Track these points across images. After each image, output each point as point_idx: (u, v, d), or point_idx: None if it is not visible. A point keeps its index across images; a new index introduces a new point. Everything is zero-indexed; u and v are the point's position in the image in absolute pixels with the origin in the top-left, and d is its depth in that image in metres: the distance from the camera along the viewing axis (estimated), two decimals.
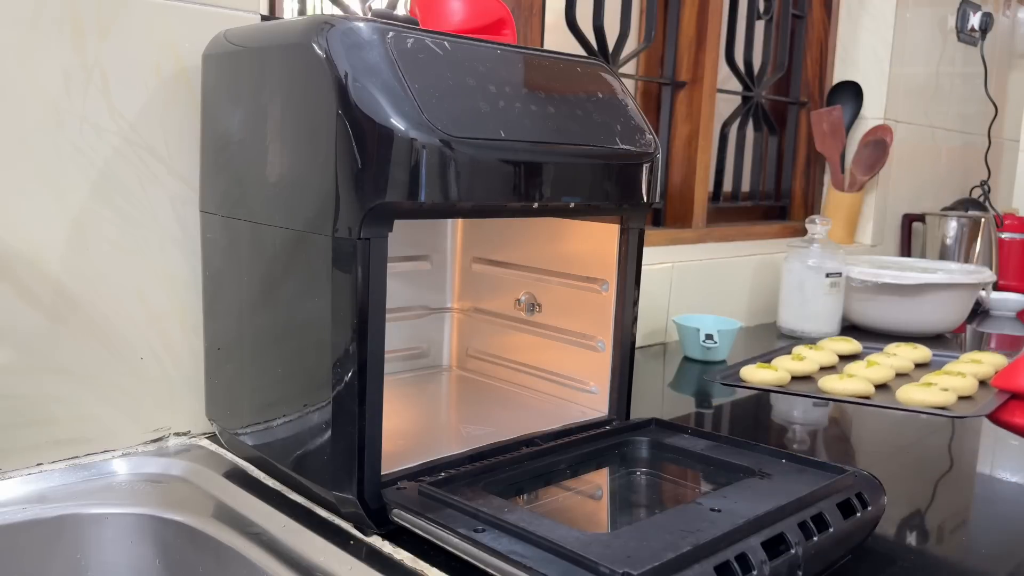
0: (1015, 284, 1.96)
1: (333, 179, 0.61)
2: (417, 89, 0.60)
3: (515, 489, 0.70)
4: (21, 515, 0.68)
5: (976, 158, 2.24)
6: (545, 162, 0.67)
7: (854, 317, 1.53)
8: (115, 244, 0.76)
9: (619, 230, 0.81)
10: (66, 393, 0.75)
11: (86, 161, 0.74)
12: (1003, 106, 2.34)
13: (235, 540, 0.65)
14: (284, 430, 0.70)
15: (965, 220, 1.92)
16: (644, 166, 0.75)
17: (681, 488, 0.76)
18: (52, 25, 0.70)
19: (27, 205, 0.71)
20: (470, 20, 0.75)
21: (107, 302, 0.76)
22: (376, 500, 0.64)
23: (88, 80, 0.73)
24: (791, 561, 0.58)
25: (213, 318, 0.79)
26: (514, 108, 0.66)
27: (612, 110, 0.75)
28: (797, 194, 1.93)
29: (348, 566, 0.60)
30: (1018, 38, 2.41)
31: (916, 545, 0.71)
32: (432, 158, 0.60)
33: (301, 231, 0.64)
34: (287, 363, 0.69)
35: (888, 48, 1.85)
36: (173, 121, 0.78)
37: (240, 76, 0.72)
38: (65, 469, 0.74)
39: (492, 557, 0.55)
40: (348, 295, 0.61)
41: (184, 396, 0.82)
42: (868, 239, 1.91)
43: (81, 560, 0.70)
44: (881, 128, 1.82)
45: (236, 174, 0.73)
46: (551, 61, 0.73)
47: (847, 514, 0.64)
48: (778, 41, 1.80)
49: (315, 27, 0.62)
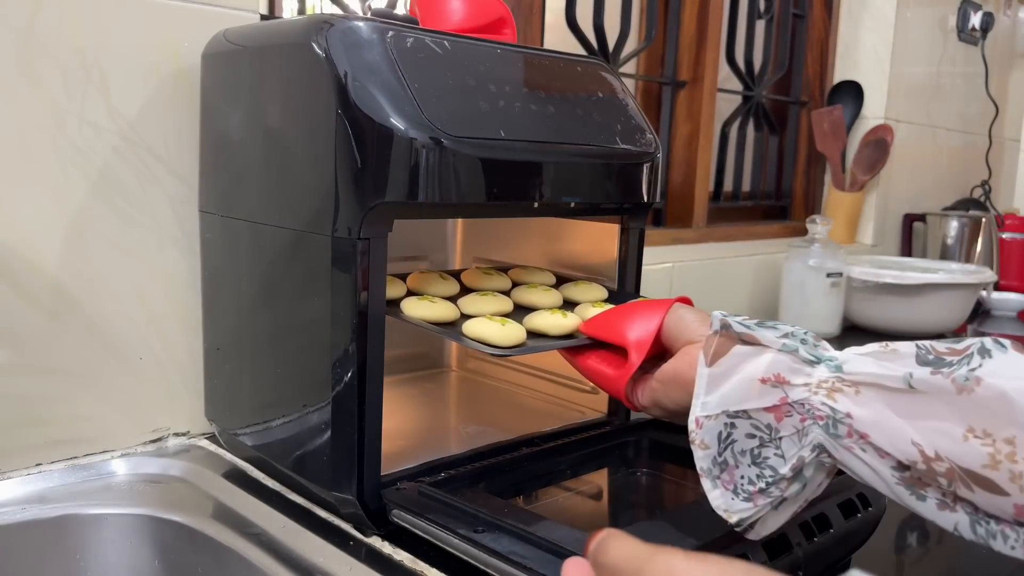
0: (1016, 284, 1.96)
1: (332, 179, 0.60)
2: (417, 88, 0.60)
3: (515, 490, 0.70)
4: (20, 515, 0.68)
5: (977, 158, 2.24)
6: (545, 162, 0.67)
7: (855, 317, 1.53)
8: (114, 244, 0.76)
9: (619, 230, 0.80)
10: (65, 393, 0.75)
11: (85, 161, 0.73)
12: (1004, 106, 2.34)
13: (234, 540, 0.65)
14: (283, 430, 0.69)
15: (966, 220, 1.92)
16: (644, 166, 0.75)
17: (681, 488, 0.76)
18: (51, 24, 0.70)
19: (26, 205, 0.71)
20: (470, 19, 0.74)
21: (106, 302, 0.76)
22: (376, 501, 0.63)
23: (87, 79, 0.73)
24: (792, 561, 0.57)
25: (212, 318, 0.79)
26: (514, 108, 0.66)
27: (612, 110, 0.74)
28: (798, 194, 1.93)
29: (348, 567, 0.60)
30: (1019, 38, 2.40)
31: (917, 545, 0.71)
32: (432, 158, 0.59)
33: (300, 231, 0.64)
34: (286, 363, 0.68)
35: (889, 48, 1.84)
36: (172, 121, 0.78)
37: (240, 76, 0.72)
38: (64, 469, 0.74)
39: (492, 558, 0.55)
40: (348, 295, 0.61)
41: (183, 396, 0.82)
42: (869, 239, 1.91)
43: (80, 560, 0.69)
44: (882, 128, 1.82)
45: (235, 174, 0.72)
46: (551, 60, 0.73)
47: (848, 514, 0.63)
48: (779, 40, 1.80)
49: (315, 26, 0.62)
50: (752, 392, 0.52)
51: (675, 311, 0.61)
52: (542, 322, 0.69)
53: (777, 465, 0.51)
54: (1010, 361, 0.45)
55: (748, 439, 0.52)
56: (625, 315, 0.65)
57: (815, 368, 0.51)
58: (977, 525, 0.45)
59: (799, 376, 0.51)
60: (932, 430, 0.45)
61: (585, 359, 0.67)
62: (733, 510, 0.53)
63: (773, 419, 0.51)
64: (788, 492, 0.52)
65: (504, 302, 0.74)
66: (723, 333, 0.54)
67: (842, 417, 0.48)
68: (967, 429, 0.44)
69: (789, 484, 0.52)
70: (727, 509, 0.53)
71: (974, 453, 0.43)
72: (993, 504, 0.44)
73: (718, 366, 0.53)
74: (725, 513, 0.53)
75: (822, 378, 0.50)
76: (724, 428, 0.53)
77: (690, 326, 0.59)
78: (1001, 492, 0.43)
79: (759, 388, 0.51)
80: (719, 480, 0.53)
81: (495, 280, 0.81)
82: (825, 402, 0.49)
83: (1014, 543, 0.45)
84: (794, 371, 0.51)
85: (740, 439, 0.52)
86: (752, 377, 0.52)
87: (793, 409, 0.50)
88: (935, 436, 0.45)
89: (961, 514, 0.46)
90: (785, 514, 0.54)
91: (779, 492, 0.52)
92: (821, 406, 0.49)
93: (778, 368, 0.51)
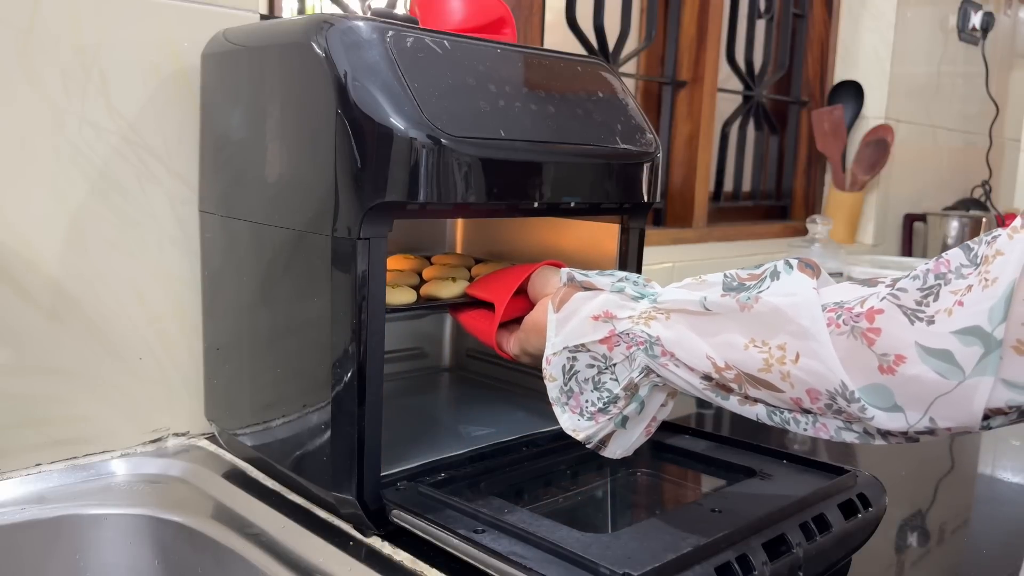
0: None
1: (332, 178, 0.60)
2: (417, 88, 0.60)
3: (515, 490, 0.70)
4: (20, 516, 0.68)
5: (977, 158, 2.24)
6: (545, 161, 0.67)
7: None
8: (114, 244, 0.76)
9: (620, 230, 0.80)
10: (65, 393, 0.75)
11: (85, 161, 0.73)
12: (1004, 106, 2.34)
13: (234, 541, 0.65)
14: (283, 431, 0.69)
15: (966, 220, 1.92)
16: (645, 165, 0.75)
17: (682, 489, 0.76)
18: (51, 24, 0.70)
19: (26, 205, 0.71)
20: (470, 19, 0.74)
21: (106, 302, 0.76)
22: (376, 501, 0.63)
23: (87, 79, 0.73)
24: (792, 562, 0.57)
25: (212, 318, 0.79)
26: (514, 107, 0.66)
27: (612, 109, 0.74)
28: (798, 194, 1.93)
29: (347, 567, 0.60)
30: (1019, 37, 2.40)
31: (917, 546, 0.71)
32: (431, 157, 0.59)
33: (300, 231, 0.64)
34: (286, 363, 0.68)
35: (889, 47, 1.84)
36: (172, 121, 0.78)
37: (239, 75, 0.72)
38: (64, 470, 0.74)
39: (492, 558, 0.55)
40: (347, 295, 0.61)
41: (183, 396, 0.82)
42: (869, 239, 1.91)
43: (80, 561, 0.69)
44: (882, 128, 1.82)
45: (235, 174, 0.72)
46: (551, 60, 0.73)
47: (848, 515, 0.63)
48: (779, 40, 1.80)
49: (314, 26, 0.62)
50: (587, 329, 0.60)
51: (540, 271, 0.71)
52: (434, 288, 0.79)
53: (612, 387, 0.60)
54: (792, 280, 0.52)
55: (588, 368, 0.61)
56: (499, 276, 0.75)
57: (639, 303, 0.59)
58: (773, 414, 0.53)
59: (625, 311, 0.59)
60: (722, 343, 0.53)
61: (465, 316, 0.77)
62: (580, 429, 0.62)
63: (606, 349, 0.59)
64: (628, 410, 0.60)
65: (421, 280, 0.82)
66: (569, 284, 0.64)
67: (655, 340, 0.56)
68: (748, 340, 0.52)
69: (627, 403, 0.60)
70: (574, 429, 0.62)
71: (752, 360, 0.51)
72: (777, 398, 0.52)
73: (563, 312, 0.62)
74: (573, 432, 0.62)
75: (642, 310, 0.58)
76: (567, 361, 0.61)
77: (549, 281, 0.69)
78: (777, 389, 0.51)
79: (592, 324, 0.60)
80: (567, 406, 0.62)
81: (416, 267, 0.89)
82: (644, 330, 0.57)
83: (806, 426, 0.52)
84: (621, 307, 0.59)
85: (582, 369, 0.61)
86: (587, 315, 0.60)
87: (620, 339, 0.58)
88: (725, 349, 0.53)
89: (760, 407, 0.54)
90: (634, 432, 0.62)
91: (617, 410, 0.60)
92: (640, 333, 0.57)
93: (607, 306, 0.60)
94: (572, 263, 0.88)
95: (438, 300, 0.78)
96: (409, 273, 0.83)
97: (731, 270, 0.56)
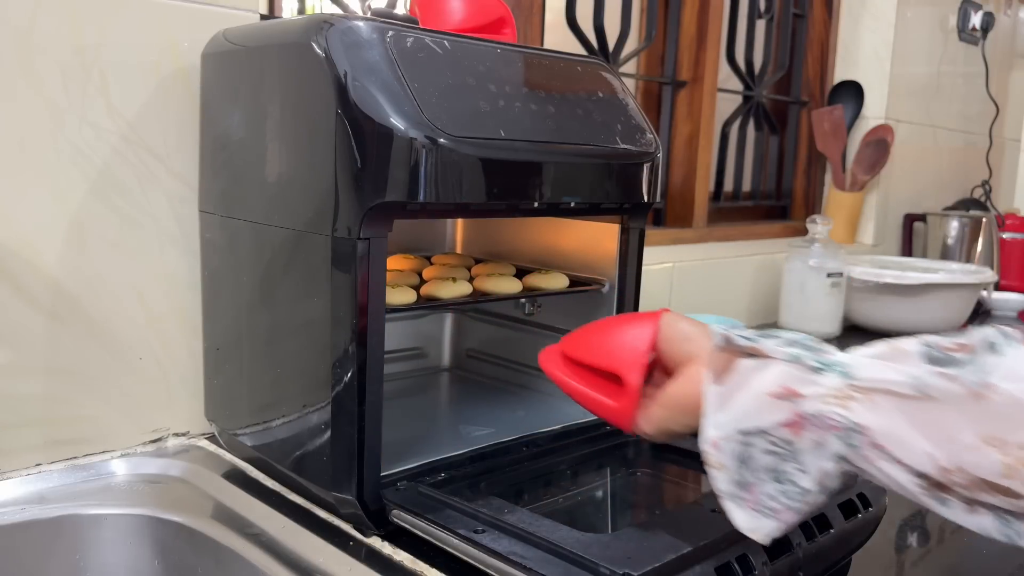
0: (1016, 284, 1.95)
1: (332, 179, 0.60)
2: (417, 88, 0.60)
3: (515, 490, 0.70)
4: (20, 516, 0.68)
5: (977, 158, 2.24)
6: (545, 161, 0.67)
7: (855, 317, 1.53)
8: (114, 244, 0.76)
9: (619, 230, 0.80)
10: (64, 393, 0.75)
11: (85, 160, 0.73)
12: (1004, 106, 2.34)
13: (234, 541, 0.65)
14: (283, 431, 0.69)
15: (966, 220, 1.92)
16: (645, 165, 0.75)
17: (681, 489, 0.76)
18: (51, 24, 0.70)
19: (25, 205, 0.71)
20: (470, 19, 0.74)
21: (106, 302, 0.76)
22: (376, 501, 0.63)
23: (87, 79, 0.73)
24: (792, 562, 0.57)
25: (212, 318, 0.79)
26: (514, 107, 0.66)
27: (612, 109, 0.74)
28: (798, 194, 1.93)
29: (347, 567, 0.60)
30: (1019, 37, 2.40)
31: (917, 546, 0.71)
32: (431, 157, 0.59)
33: (300, 231, 0.64)
34: (286, 363, 0.68)
35: (889, 47, 1.84)
36: (172, 120, 0.78)
37: (239, 75, 0.72)
38: (64, 470, 0.74)
39: (492, 558, 0.55)
40: (347, 295, 0.61)
41: (183, 396, 0.82)
42: (869, 239, 1.91)
43: (80, 561, 0.69)
44: (882, 128, 1.82)
45: (235, 173, 0.72)
46: (551, 60, 0.73)
47: (848, 515, 0.63)
48: (779, 40, 1.80)
49: (314, 26, 0.62)
50: (763, 408, 0.50)
51: (670, 325, 0.58)
52: (434, 288, 0.77)
53: (799, 480, 0.50)
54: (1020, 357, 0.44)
55: (766, 455, 0.50)
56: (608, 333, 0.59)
57: (823, 376, 0.49)
58: (1004, 527, 0.45)
59: (808, 386, 0.49)
60: (947, 440, 0.44)
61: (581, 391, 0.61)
62: (760, 529, 0.51)
63: (791, 434, 0.49)
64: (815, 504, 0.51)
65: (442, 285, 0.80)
66: (726, 348, 0.53)
67: (858, 428, 0.47)
68: (981, 437, 0.43)
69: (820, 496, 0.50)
70: (753, 529, 0.51)
71: (989, 462, 0.43)
72: (1015, 505, 0.43)
73: (725, 383, 0.51)
74: (751, 532, 0.51)
75: (832, 386, 0.48)
76: (740, 447, 0.51)
77: (689, 339, 0.56)
78: (1020, 496, 0.43)
79: (770, 403, 0.49)
80: (744, 501, 0.51)
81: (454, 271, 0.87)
82: (841, 413, 0.47)
83: None
84: (803, 381, 0.49)
85: (758, 456, 0.50)
86: (761, 392, 0.50)
87: (809, 422, 0.48)
88: (950, 447, 0.44)
89: (987, 517, 0.45)
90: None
91: (807, 508, 0.50)
92: (836, 417, 0.47)
93: (786, 380, 0.49)
94: (572, 263, 0.88)
95: (438, 300, 0.77)
96: (409, 273, 0.83)
97: (928, 336, 0.48)
